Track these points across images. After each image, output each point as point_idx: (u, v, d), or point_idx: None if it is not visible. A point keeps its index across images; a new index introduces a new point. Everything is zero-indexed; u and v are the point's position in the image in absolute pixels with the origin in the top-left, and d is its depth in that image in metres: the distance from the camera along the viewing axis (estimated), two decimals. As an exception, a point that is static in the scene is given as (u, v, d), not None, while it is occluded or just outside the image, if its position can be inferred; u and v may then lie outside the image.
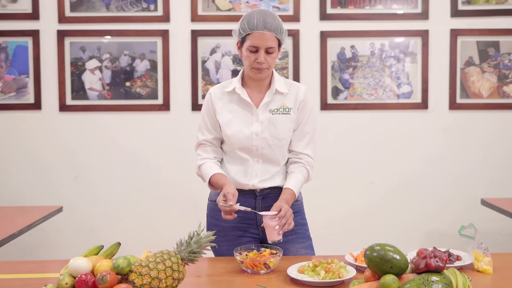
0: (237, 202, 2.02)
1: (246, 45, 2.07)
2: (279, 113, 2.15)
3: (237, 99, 2.16)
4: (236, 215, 2.01)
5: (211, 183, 2.16)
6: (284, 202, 2.05)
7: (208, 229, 2.22)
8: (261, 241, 2.21)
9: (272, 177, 2.18)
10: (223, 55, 3.65)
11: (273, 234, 1.98)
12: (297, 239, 2.20)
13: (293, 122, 2.18)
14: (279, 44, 2.11)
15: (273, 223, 1.97)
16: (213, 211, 2.22)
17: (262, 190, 2.17)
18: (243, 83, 2.19)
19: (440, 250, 1.73)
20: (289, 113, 2.16)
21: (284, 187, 2.14)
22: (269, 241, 2.00)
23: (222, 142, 2.23)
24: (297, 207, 2.24)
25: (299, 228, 2.23)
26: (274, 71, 2.19)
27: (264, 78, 2.14)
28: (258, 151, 2.14)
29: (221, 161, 2.24)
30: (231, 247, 2.03)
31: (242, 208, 2.00)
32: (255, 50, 2.06)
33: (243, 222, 2.18)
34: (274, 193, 2.17)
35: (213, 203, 2.21)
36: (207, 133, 2.21)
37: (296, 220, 2.19)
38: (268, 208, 2.12)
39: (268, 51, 2.06)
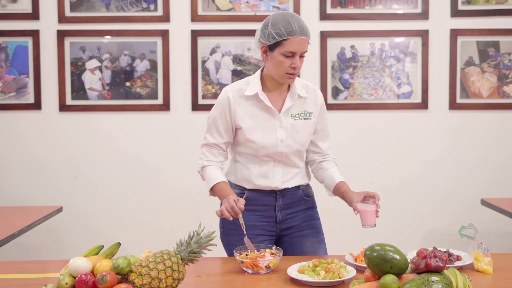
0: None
1: (281, 50, 2.01)
2: (301, 119, 2.14)
3: (257, 103, 2.12)
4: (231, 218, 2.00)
5: (213, 190, 2.14)
6: (352, 191, 2.10)
7: (223, 226, 2.22)
8: (277, 240, 2.23)
9: (293, 178, 2.19)
10: (223, 55, 3.65)
11: (371, 218, 1.98)
12: (312, 233, 2.23)
13: (314, 126, 2.18)
14: None
15: (372, 207, 1.98)
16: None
17: (283, 189, 2.18)
18: (262, 86, 2.14)
19: (440, 250, 1.73)
20: (310, 118, 2.16)
21: (338, 181, 2.18)
22: (365, 226, 2.00)
23: (238, 144, 2.18)
24: (310, 202, 2.26)
25: (314, 223, 2.25)
26: None
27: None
28: (282, 156, 2.14)
29: (235, 161, 2.22)
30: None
31: (242, 221, 1.99)
32: (291, 55, 2.02)
33: (262, 221, 2.18)
34: (292, 191, 2.19)
35: None
36: (218, 137, 2.16)
37: (311, 215, 2.25)
38: (287, 206, 2.18)
39: (302, 55, 2.05)
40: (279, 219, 2.19)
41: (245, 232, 1.99)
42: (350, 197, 2.07)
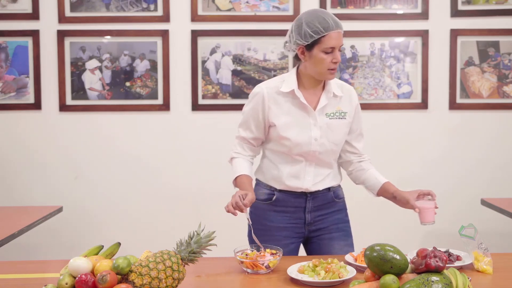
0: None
1: (320, 48, 2.01)
2: (336, 118, 2.13)
3: (292, 100, 2.10)
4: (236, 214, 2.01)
5: (236, 181, 2.16)
6: (403, 190, 2.11)
7: (252, 228, 2.21)
8: (305, 241, 2.22)
9: (324, 180, 2.17)
10: (223, 55, 3.65)
11: (431, 215, 2.02)
12: (341, 236, 2.22)
13: (348, 126, 2.17)
14: None
15: (432, 204, 2.02)
16: (259, 210, 2.18)
17: (314, 191, 2.17)
18: (298, 83, 2.12)
19: (440, 250, 1.73)
20: (345, 118, 2.15)
21: (384, 182, 2.19)
22: (425, 224, 2.02)
23: (270, 141, 2.17)
24: (341, 204, 2.25)
25: (344, 226, 2.24)
26: None
27: None
28: (315, 156, 2.12)
29: (265, 159, 2.21)
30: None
31: (248, 216, 2.01)
32: (331, 51, 2.02)
33: (291, 222, 2.17)
34: (323, 193, 2.18)
35: (260, 202, 2.18)
36: (248, 132, 2.17)
37: (341, 218, 2.24)
38: (317, 208, 2.17)
39: (339, 49, 2.05)
40: (308, 221, 2.18)
41: (251, 228, 2.00)
42: (405, 197, 2.08)
